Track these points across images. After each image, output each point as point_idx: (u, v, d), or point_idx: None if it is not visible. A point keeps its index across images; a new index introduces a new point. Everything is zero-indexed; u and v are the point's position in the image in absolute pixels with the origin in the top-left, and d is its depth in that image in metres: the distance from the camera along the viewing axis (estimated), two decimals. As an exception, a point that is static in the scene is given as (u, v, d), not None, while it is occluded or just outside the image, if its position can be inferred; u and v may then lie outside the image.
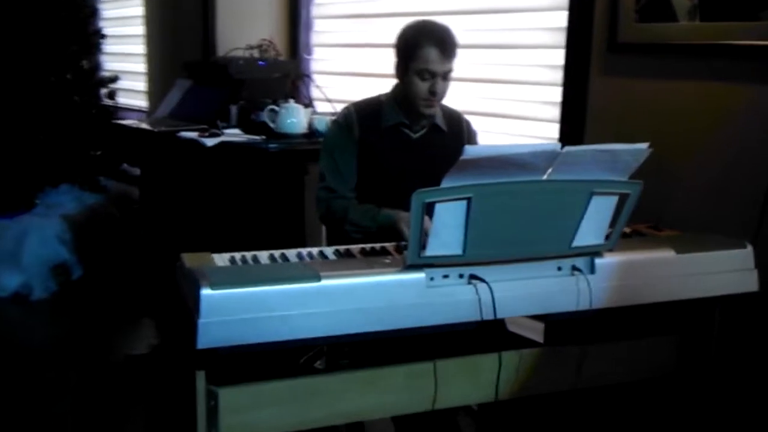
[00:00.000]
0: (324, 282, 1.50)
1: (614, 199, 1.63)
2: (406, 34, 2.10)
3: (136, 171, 4.62)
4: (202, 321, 1.42)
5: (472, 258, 1.59)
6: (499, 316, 1.60)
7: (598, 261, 1.71)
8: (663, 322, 1.99)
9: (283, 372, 1.68)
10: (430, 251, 1.55)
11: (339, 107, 3.22)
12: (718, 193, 2.13)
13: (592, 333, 1.87)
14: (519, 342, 2.02)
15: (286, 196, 2.93)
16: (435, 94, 2.07)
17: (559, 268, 1.70)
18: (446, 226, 1.53)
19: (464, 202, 1.51)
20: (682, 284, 1.80)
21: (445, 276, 1.60)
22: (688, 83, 2.18)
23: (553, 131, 2.53)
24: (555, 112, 2.52)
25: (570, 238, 1.64)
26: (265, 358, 1.59)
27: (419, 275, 1.57)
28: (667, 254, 1.79)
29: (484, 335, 1.72)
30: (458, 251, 1.57)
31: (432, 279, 1.59)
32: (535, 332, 2.09)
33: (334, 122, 2.23)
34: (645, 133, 2.30)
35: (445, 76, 2.07)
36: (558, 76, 2.49)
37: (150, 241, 3.56)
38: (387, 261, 1.67)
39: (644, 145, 1.55)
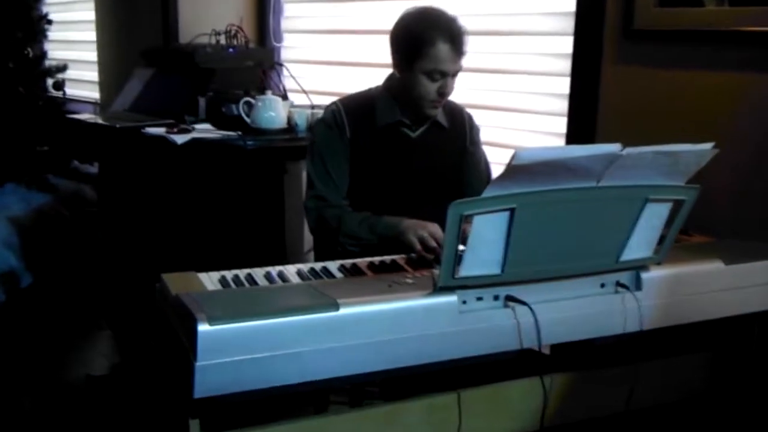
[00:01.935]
0: (343, 311, 1.26)
1: (668, 207, 1.44)
2: (411, 26, 1.83)
3: (88, 168, 4.28)
4: (199, 365, 1.17)
5: (511, 277, 1.37)
6: (544, 343, 1.39)
7: (644, 275, 1.51)
8: (693, 339, 1.81)
9: (290, 411, 1.45)
10: (465, 271, 1.32)
11: (316, 100, 2.98)
12: (744, 194, 1.96)
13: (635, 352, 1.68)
14: (550, 365, 1.81)
15: (264, 198, 2.67)
16: (444, 96, 1.84)
17: (602, 285, 1.49)
18: (484, 242, 1.31)
19: (506, 214, 1.29)
20: (730, 299, 1.62)
21: (479, 298, 1.38)
22: (713, 74, 2.00)
23: (560, 125, 2.33)
24: (563, 105, 2.31)
25: (618, 251, 1.43)
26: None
27: (450, 298, 1.35)
28: (716, 265, 1.60)
29: (511, 361, 1.51)
30: (496, 270, 1.34)
31: (464, 302, 1.36)
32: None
33: (321, 122, 1.97)
34: (663, 127, 2.14)
35: (455, 74, 1.84)
36: (566, 65, 2.28)
37: (109, 247, 3.25)
38: (409, 281, 1.43)
39: (708, 146, 1.35)
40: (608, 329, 1.48)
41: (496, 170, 2.12)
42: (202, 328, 1.17)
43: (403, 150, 1.93)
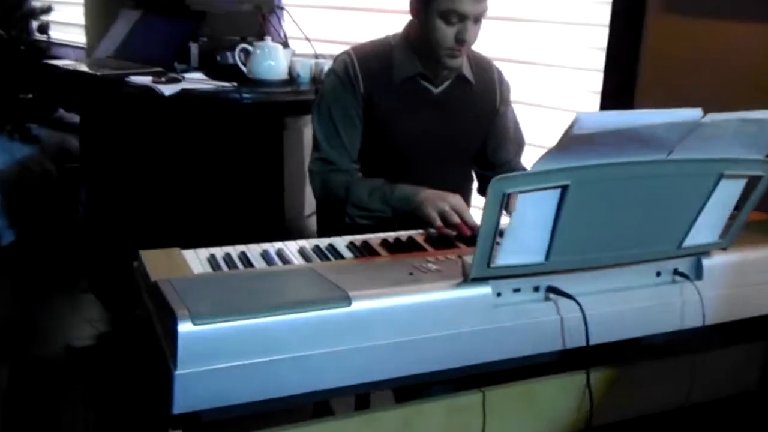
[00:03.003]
0: (356, 306, 1.04)
1: (742, 184, 1.21)
2: None
3: (74, 118, 4.02)
4: (179, 373, 0.95)
5: (556, 266, 1.15)
6: (592, 342, 1.17)
7: (705, 262, 1.29)
8: (746, 329, 1.60)
9: (286, 414, 1.23)
10: (503, 259, 1.09)
11: (321, 49, 2.71)
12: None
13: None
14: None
15: (261, 157, 2.44)
16: (464, 43, 1.58)
17: (658, 274, 1.27)
18: (528, 225, 1.08)
19: (556, 192, 1.05)
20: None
21: (516, 290, 1.16)
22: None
23: (596, 83, 2.08)
24: (599, 60, 2.06)
25: (683, 235, 1.21)
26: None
27: (484, 290, 1.12)
28: (784, 250, 1.38)
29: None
30: (539, 258, 1.12)
31: (499, 295, 1.14)
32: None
33: (330, 74, 1.72)
34: (713, 88, 1.89)
35: (478, 19, 1.58)
36: (604, 13, 2.02)
37: (91, 206, 3.01)
38: (432, 267, 1.20)
39: (799, 112, 1.11)
40: (665, 325, 1.27)
41: (526, 133, 1.89)
42: (184, 328, 0.95)
43: (423, 107, 1.69)
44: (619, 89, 2.00)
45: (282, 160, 2.47)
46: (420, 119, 1.69)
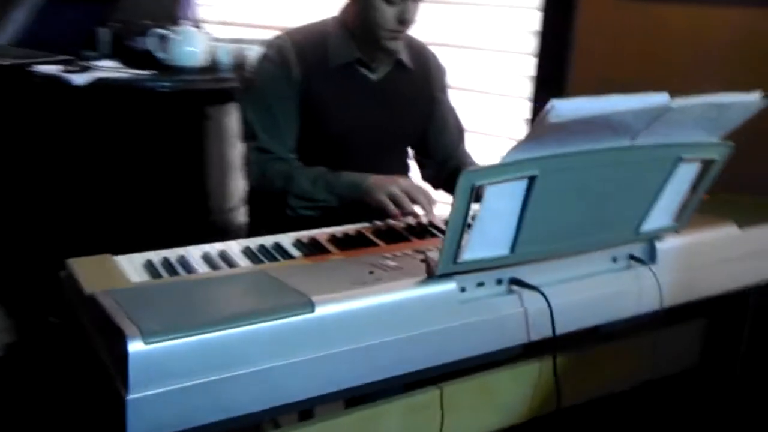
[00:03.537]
0: (320, 311, 0.97)
1: (697, 167, 1.20)
2: None
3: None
4: (132, 398, 0.85)
5: (520, 258, 1.11)
6: (558, 333, 1.14)
7: (659, 246, 1.28)
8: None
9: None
10: (469, 254, 1.05)
11: (238, 33, 2.59)
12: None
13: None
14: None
15: (181, 149, 2.30)
16: (406, 23, 1.53)
17: (615, 260, 1.26)
18: (496, 218, 1.04)
19: (523, 183, 1.02)
20: (744, 268, 1.43)
21: (480, 284, 1.12)
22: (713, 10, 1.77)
23: (528, 66, 2.06)
24: (530, 44, 2.04)
25: (640, 220, 1.20)
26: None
27: (449, 286, 1.07)
28: (729, 230, 1.40)
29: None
30: (504, 251, 1.08)
31: (463, 290, 1.10)
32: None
33: (264, 59, 1.62)
34: (648, 73, 1.90)
35: None
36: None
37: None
38: (390, 263, 1.15)
39: (755, 96, 1.11)
40: (623, 310, 1.26)
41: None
42: (135, 347, 0.85)
43: (362, 95, 1.62)
44: (551, 74, 1.99)
45: (204, 152, 2.35)
46: (358, 107, 1.63)
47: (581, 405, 1.48)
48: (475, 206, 1.00)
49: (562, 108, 0.89)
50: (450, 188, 1.80)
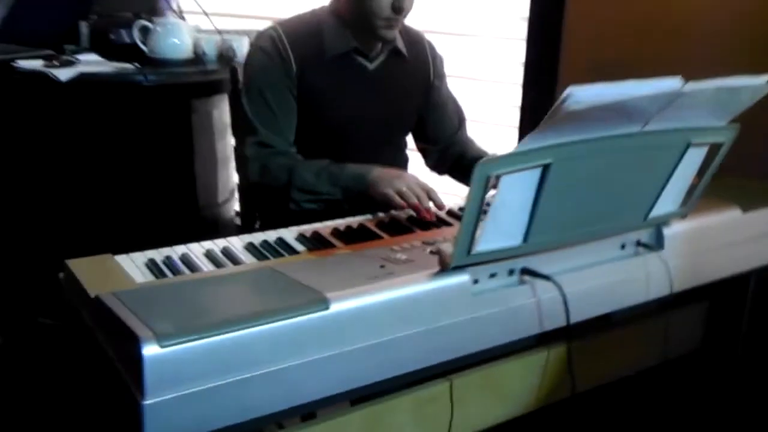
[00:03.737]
0: (335, 308, 0.95)
1: (704, 152, 1.20)
2: None
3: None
4: (149, 403, 0.83)
5: (532, 248, 1.10)
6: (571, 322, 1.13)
7: (666, 232, 1.28)
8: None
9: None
10: (484, 245, 1.03)
11: (221, 24, 2.54)
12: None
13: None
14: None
15: (169, 143, 2.26)
16: (401, 11, 1.50)
17: (623, 246, 1.25)
18: (509, 208, 1.02)
19: (537, 172, 1.00)
20: (747, 252, 1.43)
21: (493, 275, 1.10)
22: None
23: (519, 53, 2.05)
24: (523, 30, 2.03)
25: (650, 206, 1.19)
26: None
27: (462, 278, 1.06)
28: (733, 214, 1.40)
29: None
30: (517, 241, 1.06)
31: (476, 282, 1.08)
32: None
33: (257, 51, 1.58)
34: (642, 58, 1.89)
35: None
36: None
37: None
38: (400, 256, 1.13)
39: (763, 79, 1.10)
40: (634, 296, 1.25)
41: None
42: (150, 351, 0.82)
43: (359, 84, 1.59)
44: (541, 59, 1.98)
45: (192, 145, 2.30)
46: (356, 97, 1.60)
47: (588, 392, 1.47)
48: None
49: (581, 95, 0.88)
50: (454, 174, 1.79)
